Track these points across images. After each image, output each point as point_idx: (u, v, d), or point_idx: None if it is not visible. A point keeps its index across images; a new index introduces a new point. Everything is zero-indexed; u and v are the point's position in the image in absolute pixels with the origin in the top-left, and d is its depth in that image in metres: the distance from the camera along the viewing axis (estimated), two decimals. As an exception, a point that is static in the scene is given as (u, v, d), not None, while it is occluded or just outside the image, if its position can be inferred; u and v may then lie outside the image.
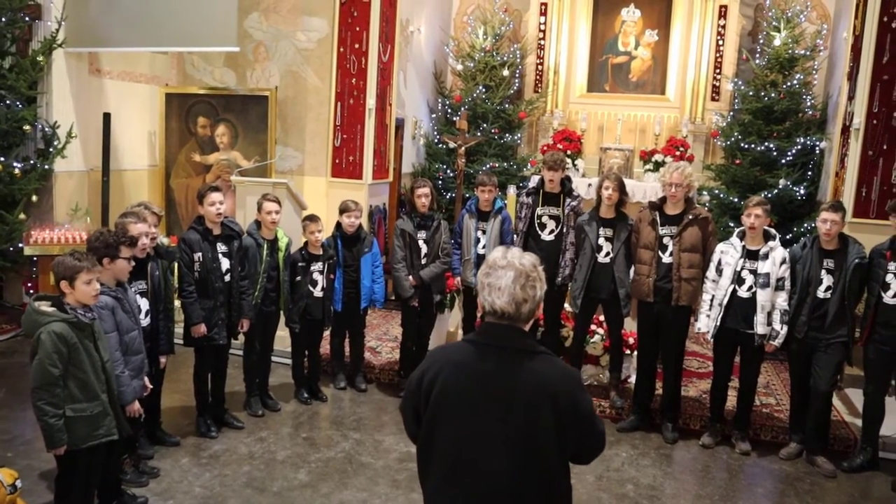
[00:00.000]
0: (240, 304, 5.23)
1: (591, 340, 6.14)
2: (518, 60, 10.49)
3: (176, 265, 5.01)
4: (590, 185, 8.91)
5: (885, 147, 6.53)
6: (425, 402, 2.28)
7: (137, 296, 4.37)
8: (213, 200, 5.01)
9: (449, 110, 10.55)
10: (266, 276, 5.43)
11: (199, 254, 4.98)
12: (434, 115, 10.75)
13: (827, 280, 5.05)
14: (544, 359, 2.24)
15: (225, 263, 5.13)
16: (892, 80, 6.48)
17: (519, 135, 10.50)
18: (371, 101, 7.70)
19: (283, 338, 6.04)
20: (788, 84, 9.16)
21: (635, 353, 5.95)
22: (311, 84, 7.90)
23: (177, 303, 5.06)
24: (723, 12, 9.87)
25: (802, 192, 8.86)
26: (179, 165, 8.13)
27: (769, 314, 5.10)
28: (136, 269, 4.31)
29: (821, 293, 5.05)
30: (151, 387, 4.46)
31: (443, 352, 2.37)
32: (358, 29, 7.63)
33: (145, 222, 4.44)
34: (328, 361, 6.38)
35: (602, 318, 6.03)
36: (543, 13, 10.45)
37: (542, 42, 10.49)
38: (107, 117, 7.25)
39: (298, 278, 5.69)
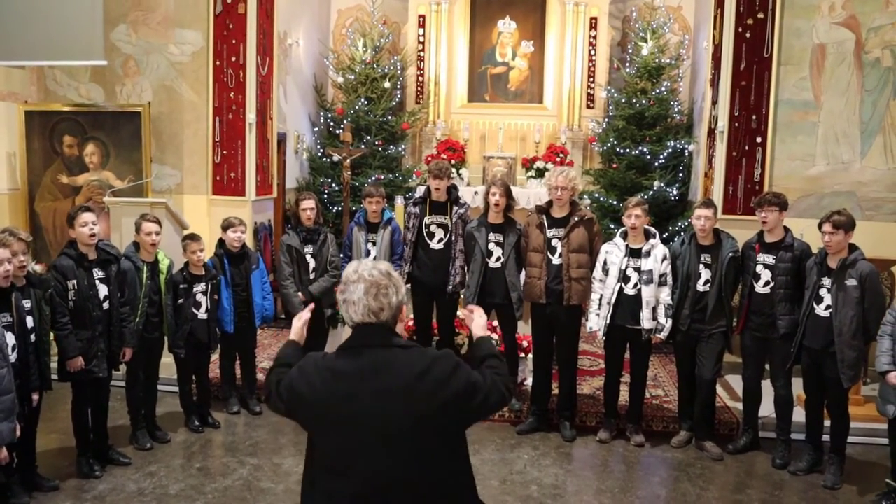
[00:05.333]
0: (120, 332, 4.93)
1: (487, 346, 6.18)
2: (399, 72, 10.51)
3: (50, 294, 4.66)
4: (476, 193, 9.02)
5: (746, 148, 7.00)
6: (303, 413, 2.28)
7: (2, 329, 4.03)
8: (85, 221, 4.70)
9: (331, 123, 10.43)
10: (147, 301, 5.15)
11: (74, 281, 4.65)
12: (316, 129, 10.60)
13: (705, 274, 5.32)
14: (415, 351, 2.30)
15: (103, 290, 4.81)
16: (749, 86, 6.96)
17: (403, 146, 10.50)
18: (251, 116, 7.50)
19: (168, 365, 5.75)
20: (657, 91, 9.64)
21: (530, 355, 6.05)
22: (187, 99, 7.61)
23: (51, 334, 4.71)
24: (593, 24, 10.26)
25: (675, 192, 9.33)
26: (45, 188, 7.60)
27: (654, 309, 5.32)
28: (-1, 301, 3.98)
29: (700, 287, 5.32)
30: (22, 425, 4.12)
31: (314, 364, 2.32)
32: (234, 41, 7.42)
33: (6, 248, 4.10)
34: (219, 386, 6.12)
35: (495, 323, 6.10)
36: (422, 25, 10.52)
37: (422, 54, 10.56)
38: (-42, 139, 6.70)
39: (181, 301, 5.43)
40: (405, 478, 2.19)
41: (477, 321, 2.66)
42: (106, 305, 4.83)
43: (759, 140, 6.96)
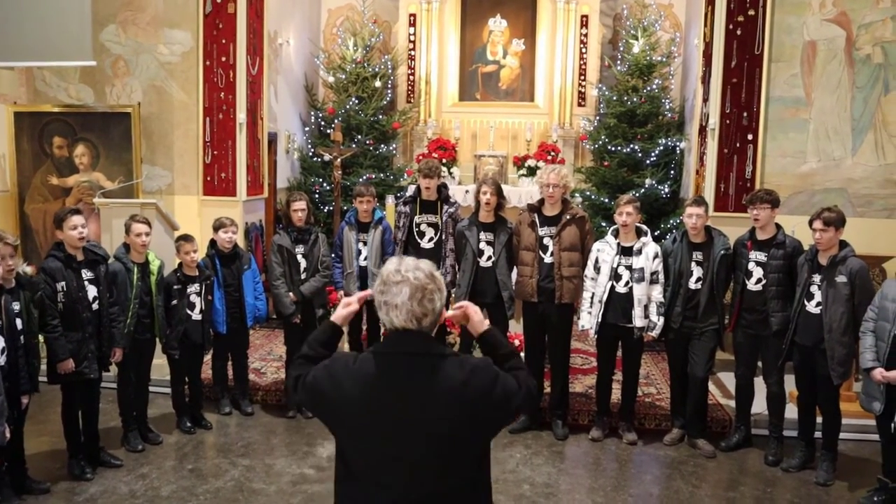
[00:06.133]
0: (110, 333, 4.90)
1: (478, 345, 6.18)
2: (390, 71, 10.48)
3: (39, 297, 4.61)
4: (467, 192, 9.02)
5: (738, 145, 7.01)
6: (329, 416, 2.19)
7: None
8: (75, 224, 4.67)
9: (322, 123, 10.39)
10: (138, 302, 5.12)
11: (63, 283, 4.62)
12: (307, 129, 10.57)
13: (697, 272, 5.32)
14: (454, 361, 2.17)
15: (92, 291, 4.79)
16: (740, 83, 6.97)
17: (394, 145, 10.47)
18: (241, 116, 7.46)
19: (160, 366, 5.73)
20: (648, 89, 9.64)
21: (521, 354, 6.04)
22: (178, 99, 7.57)
23: (41, 337, 4.67)
24: (584, 22, 10.24)
25: (667, 190, 9.33)
26: (35, 189, 7.55)
27: (646, 307, 5.31)
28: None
29: (692, 284, 5.32)
30: (11, 427, 4.09)
31: (345, 365, 2.21)
32: (224, 41, 7.38)
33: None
34: (210, 387, 6.10)
35: (487, 322, 6.08)
36: (412, 24, 10.50)
37: (413, 52, 10.54)
38: (-53, 140, 6.65)
39: (174, 302, 5.41)
40: (437, 487, 2.14)
41: (473, 317, 2.43)
42: (95, 306, 4.81)
43: (750, 137, 6.97)
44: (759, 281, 5.22)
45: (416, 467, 2.12)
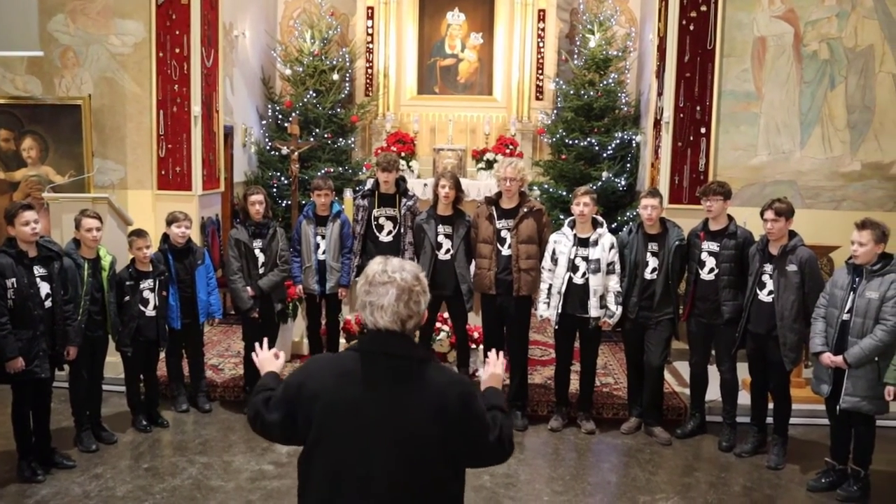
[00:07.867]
0: (64, 331, 4.79)
1: (438, 338, 6.21)
2: (347, 64, 10.42)
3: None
4: (425, 185, 9.02)
5: (691, 138, 7.13)
6: (306, 412, 2.15)
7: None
8: (27, 220, 4.54)
9: (280, 116, 10.28)
10: (89, 299, 5.01)
11: (13, 279, 4.49)
12: (264, 122, 10.45)
13: (652, 262, 5.41)
14: (433, 366, 2.20)
15: (45, 288, 4.66)
16: (693, 77, 7.09)
17: (352, 139, 10.43)
18: (196, 109, 7.34)
19: (114, 364, 5.62)
20: (605, 83, 9.74)
21: (481, 346, 6.08)
22: (130, 91, 7.41)
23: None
24: (541, 16, 10.32)
25: (623, 183, 9.45)
26: (-21, 184, 7.36)
27: (602, 297, 5.38)
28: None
29: (648, 275, 5.41)
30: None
31: (325, 361, 2.25)
32: (178, 32, 7.25)
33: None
34: (166, 384, 6.01)
35: (446, 315, 6.11)
36: (370, 17, 10.45)
37: (371, 46, 10.50)
38: None
39: (127, 298, 5.31)
40: (405, 490, 2.11)
41: (489, 370, 2.47)
42: (48, 304, 4.69)
43: (703, 130, 7.10)
44: (711, 271, 5.32)
45: (385, 468, 2.10)
